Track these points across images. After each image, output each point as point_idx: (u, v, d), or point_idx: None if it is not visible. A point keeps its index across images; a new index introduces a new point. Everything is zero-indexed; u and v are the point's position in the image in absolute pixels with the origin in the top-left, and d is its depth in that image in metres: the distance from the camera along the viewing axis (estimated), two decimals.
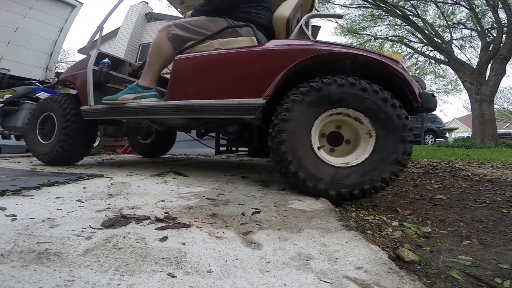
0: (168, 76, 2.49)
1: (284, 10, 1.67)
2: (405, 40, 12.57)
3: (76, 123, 2.03)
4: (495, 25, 9.21)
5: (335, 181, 1.27)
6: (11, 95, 3.39)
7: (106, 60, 2.11)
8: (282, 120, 1.32)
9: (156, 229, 0.80)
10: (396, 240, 0.96)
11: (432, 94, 1.45)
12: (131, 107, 1.79)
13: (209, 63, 1.61)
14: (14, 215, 0.83)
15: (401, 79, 1.36)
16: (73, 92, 2.44)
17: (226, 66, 1.57)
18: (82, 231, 0.74)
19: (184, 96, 1.63)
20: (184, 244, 0.71)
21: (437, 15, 11.50)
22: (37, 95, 3.42)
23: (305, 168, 1.29)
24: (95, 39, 2.24)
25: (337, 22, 12.65)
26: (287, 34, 1.70)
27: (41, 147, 2.16)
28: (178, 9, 2.73)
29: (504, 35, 8.55)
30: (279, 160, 1.33)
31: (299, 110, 1.32)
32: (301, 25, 1.59)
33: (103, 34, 2.36)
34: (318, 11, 1.74)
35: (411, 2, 10.68)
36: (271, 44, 1.55)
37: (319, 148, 1.36)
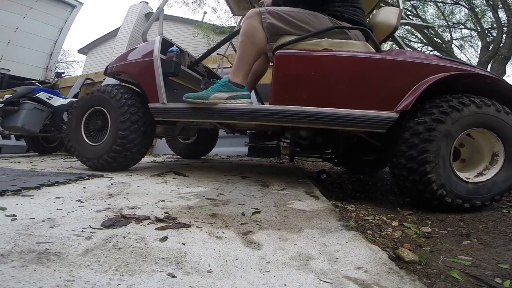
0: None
1: (391, 18, 1.59)
2: (405, 40, 12.56)
3: (136, 121, 1.70)
4: (495, 25, 9.20)
5: (468, 195, 1.28)
6: (11, 95, 3.39)
7: (174, 47, 1.78)
8: (426, 141, 1.26)
9: (156, 229, 0.79)
10: (396, 240, 0.96)
11: None
12: (225, 109, 1.51)
13: (328, 65, 1.44)
14: (14, 215, 0.83)
15: None
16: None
17: (350, 72, 1.42)
18: (82, 231, 0.74)
19: (295, 101, 1.43)
20: (184, 244, 0.71)
21: (436, 15, 11.50)
22: (37, 95, 3.41)
23: (446, 184, 1.26)
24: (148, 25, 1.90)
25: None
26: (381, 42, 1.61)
27: (89, 149, 1.80)
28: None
29: (504, 35, 8.54)
30: (419, 179, 1.27)
31: (445, 128, 1.27)
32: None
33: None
34: (405, 19, 1.67)
35: (411, 2, 10.68)
36: (403, 54, 1.48)
37: None
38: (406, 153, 1.31)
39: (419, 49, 12.50)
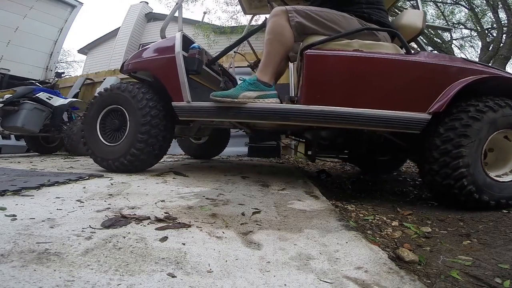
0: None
1: (416, 21, 1.60)
2: None
3: (158, 120, 1.65)
4: (495, 25, 9.20)
5: (483, 186, 1.31)
6: (11, 95, 3.39)
7: (196, 44, 1.73)
8: (461, 136, 1.30)
9: (156, 229, 0.79)
10: (396, 240, 0.96)
11: None
12: (255, 109, 1.47)
13: (361, 66, 1.44)
14: (14, 215, 0.83)
15: None
16: None
17: (384, 74, 1.43)
18: (82, 231, 0.74)
19: (327, 101, 1.42)
20: (184, 244, 0.71)
21: (436, 15, 11.50)
22: (37, 95, 3.42)
23: (476, 182, 1.30)
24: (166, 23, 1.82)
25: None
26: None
27: (105, 150, 1.75)
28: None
29: (504, 35, 8.54)
30: (450, 150, 1.31)
31: (493, 116, 1.31)
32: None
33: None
34: (428, 21, 1.71)
35: (411, 2, 10.67)
36: (435, 56, 1.51)
37: None
38: (447, 123, 1.34)
39: (419, 49, 12.48)
